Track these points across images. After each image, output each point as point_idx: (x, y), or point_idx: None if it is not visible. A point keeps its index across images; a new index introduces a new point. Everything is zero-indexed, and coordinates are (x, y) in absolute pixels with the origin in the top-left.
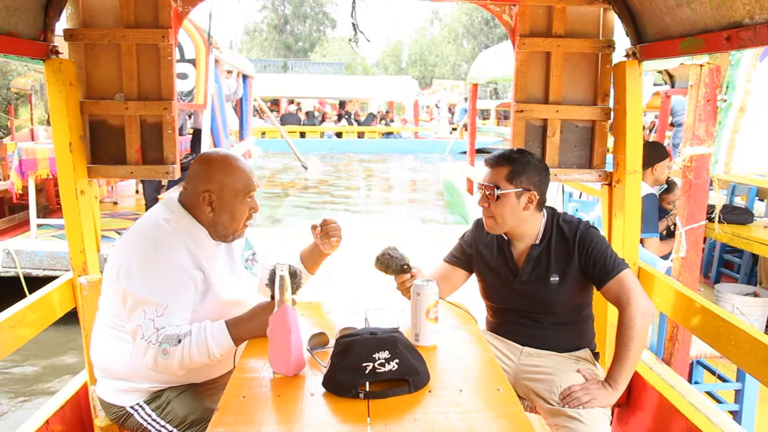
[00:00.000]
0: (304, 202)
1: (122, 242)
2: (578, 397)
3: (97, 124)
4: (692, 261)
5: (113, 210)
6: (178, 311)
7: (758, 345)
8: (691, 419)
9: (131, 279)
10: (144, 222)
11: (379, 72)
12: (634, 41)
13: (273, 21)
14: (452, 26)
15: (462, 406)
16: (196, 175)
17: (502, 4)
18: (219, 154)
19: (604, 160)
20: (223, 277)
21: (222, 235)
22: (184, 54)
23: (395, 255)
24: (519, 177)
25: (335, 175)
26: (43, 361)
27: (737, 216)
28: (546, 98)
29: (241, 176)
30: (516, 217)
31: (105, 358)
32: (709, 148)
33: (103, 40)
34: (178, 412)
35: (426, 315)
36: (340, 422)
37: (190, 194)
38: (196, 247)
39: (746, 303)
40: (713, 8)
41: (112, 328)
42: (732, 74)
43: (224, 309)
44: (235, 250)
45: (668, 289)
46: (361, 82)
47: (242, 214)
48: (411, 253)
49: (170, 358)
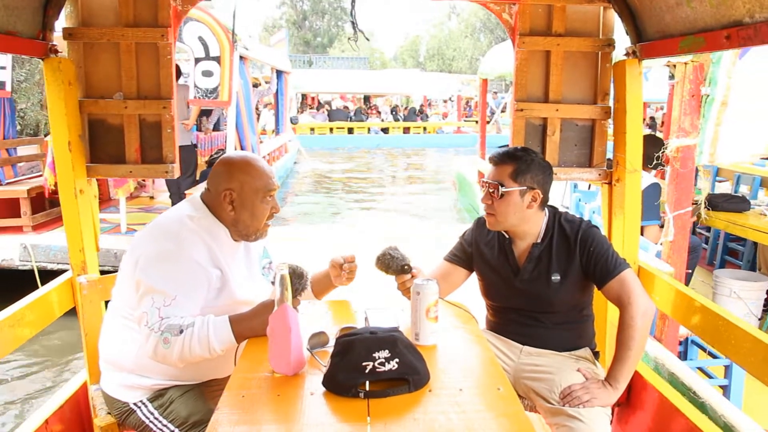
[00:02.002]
0: (323, 199)
1: (143, 234)
2: (578, 396)
3: (96, 124)
4: (680, 244)
5: (149, 204)
6: (186, 305)
7: (758, 344)
8: (691, 419)
9: (147, 269)
10: (168, 216)
11: (397, 66)
12: (634, 40)
13: (292, 17)
14: (469, 21)
15: (462, 405)
16: (218, 175)
17: (502, 3)
18: (240, 155)
19: (605, 158)
20: (240, 277)
21: (244, 234)
22: (209, 52)
23: (396, 255)
24: (523, 175)
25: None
26: (43, 361)
27: (734, 204)
28: (546, 97)
29: (261, 175)
30: (518, 215)
31: (114, 350)
32: (694, 140)
33: (102, 39)
34: (181, 412)
35: (426, 314)
36: (340, 421)
37: (213, 194)
38: (216, 245)
39: (743, 287)
40: (713, 7)
41: (125, 317)
42: (714, 71)
43: (236, 308)
44: (254, 254)
45: (668, 288)
46: (395, 77)
47: (263, 212)
48: (412, 254)
49: (170, 347)
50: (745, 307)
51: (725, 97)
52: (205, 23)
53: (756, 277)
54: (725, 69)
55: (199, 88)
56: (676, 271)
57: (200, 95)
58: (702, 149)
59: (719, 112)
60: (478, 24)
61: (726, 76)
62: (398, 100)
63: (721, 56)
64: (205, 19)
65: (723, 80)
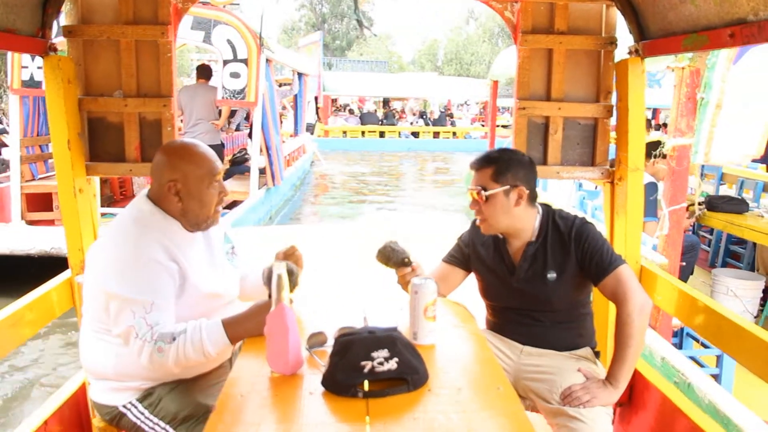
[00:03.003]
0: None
1: (97, 247)
2: (579, 396)
3: (95, 122)
4: (674, 238)
5: None
6: (164, 305)
7: (761, 343)
8: (693, 419)
9: (110, 282)
10: (117, 222)
11: (415, 70)
12: (637, 38)
13: (311, 20)
14: (487, 25)
15: (461, 404)
16: (159, 167)
17: (505, 1)
18: (178, 143)
19: (607, 157)
20: (201, 269)
21: (194, 223)
22: (237, 54)
23: (397, 249)
24: (504, 175)
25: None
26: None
27: (733, 206)
28: (548, 95)
29: (203, 161)
30: (509, 215)
31: (93, 361)
32: (690, 140)
33: (101, 36)
34: (170, 409)
35: (424, 313)
36: (339, 421)
37: (156, 187)
38: (169, 240)
39: (740, 286)
40: (717, 4)
41: (96, 331)
42: (709, 75)
43: (204, 302)
44: (214, 242)
45: (670, 287)
46: (424, 80)
47: (211, 199)
48: (412, 248)
49: (165, 356)
50: (742, 305)
51: (719, 101)
52: (233, 26)
53: (753, 277)
54: (720, 73)
55: (226, 89)
56: (670, 263)
57: (228, 96)
58: (697, 149)
59: (714, 115)
60: (497, 29)
61: (720, 80)
62: (417, 104)
63: (716, 62)
64: (233, 22)
65: (717, 84)
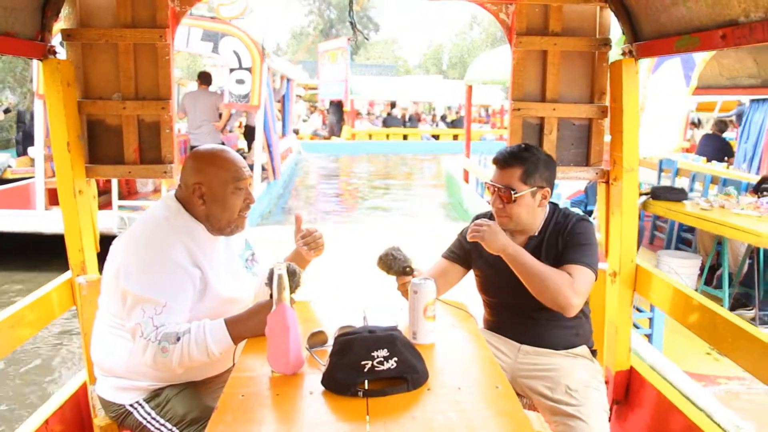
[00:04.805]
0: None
1: (122, 241)
2: (476, 229)
3: (95, 124)
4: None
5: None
6: (177, 309)
7: (755, 342)
8: (689, 416)
9: (130, 278)
10: (144, 220)
11: (420, 74)
12: (630, 39)
13: (319, 25)
14: (489, 30)
15: (461, 404)
16: (187, 170)
17: (499, 3)
18: (207, 148)
19: (602, 157)
20: (221, 275)
21: (218, 228)
22: (242, 63)
23: (398, 256)
24: (533, 176)
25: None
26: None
27: (673, 194)
28: (543, 96)
29: (229, 166)
30: (531, 214)
31: (104, 357)
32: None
33: (100, 39)
34: (178, 411)
35: (423, 313)
36: (339, 420)
37: (183, 189)
38: (194, 243)
39: (680, 264)
40: (709, 6)
41: (111, 326)
42: None
43: (223, 307)
44: (234, 248)
45: (666, 287)
46: (441, 83)
47: (234, 203)
48: (412, 252)
49: (169, 356)
50: (682, 281)
51: (642, 104)
52: (239, 38)
53: (691, 256)
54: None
55: (233, 94)
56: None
57: (234, 100)
58: None
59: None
60: (499, 33)
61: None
62: (423, 108)
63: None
64: (238, 34)
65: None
